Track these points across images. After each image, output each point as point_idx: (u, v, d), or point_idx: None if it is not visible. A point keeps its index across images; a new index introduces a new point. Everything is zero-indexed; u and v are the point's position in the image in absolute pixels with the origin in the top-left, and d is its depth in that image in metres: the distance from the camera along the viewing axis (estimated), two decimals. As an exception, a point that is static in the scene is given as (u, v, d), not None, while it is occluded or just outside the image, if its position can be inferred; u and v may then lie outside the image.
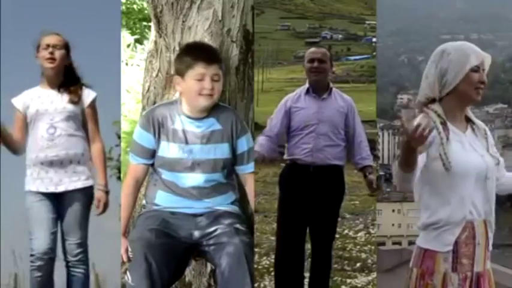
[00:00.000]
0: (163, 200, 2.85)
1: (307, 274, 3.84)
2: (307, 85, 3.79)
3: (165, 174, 2.84)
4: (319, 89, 3.76)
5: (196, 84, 2.71)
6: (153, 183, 2.91)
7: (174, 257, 2.64)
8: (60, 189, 3.26)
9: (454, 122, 2.29)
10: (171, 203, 2.84)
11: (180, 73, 2.76)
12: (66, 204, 3.27)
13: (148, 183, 2.99)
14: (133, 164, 2.90)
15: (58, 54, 3.29)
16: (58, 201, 3.27)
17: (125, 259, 2.83)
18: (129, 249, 2.76)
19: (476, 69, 2.25)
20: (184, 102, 2.81)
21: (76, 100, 3.29)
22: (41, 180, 3.25)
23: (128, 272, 2.55)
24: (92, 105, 3.36)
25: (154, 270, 2.51)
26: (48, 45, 3.28)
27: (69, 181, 3.26)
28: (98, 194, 3.31)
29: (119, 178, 7.16)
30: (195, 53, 2.78)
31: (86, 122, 3.35)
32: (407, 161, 2.13)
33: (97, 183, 3.32)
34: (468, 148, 2.27)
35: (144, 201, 3.00)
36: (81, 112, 3.32)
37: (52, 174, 3.25)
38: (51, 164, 3.24)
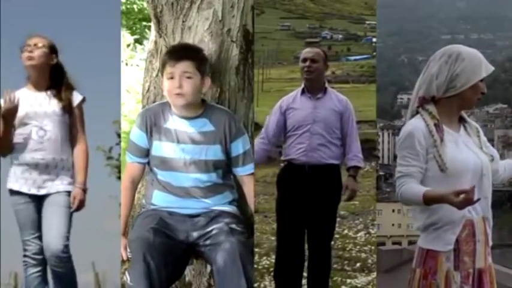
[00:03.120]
0: (159, 199, 2.86)
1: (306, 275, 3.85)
2: (302, 85, 3.80)
3: (160, 174, 2.84)
4: (313, 88, 3.77)
5: (167, 84, 2.74)
6: (150, 182, 2.93)
7: (173, 257, 2.65)
8: (42, 192, 3.27)
9: (449, 122, 2.33)
10: (168, 202, 2.84)
11: (162, 75, 2.81)
12: (47, 205, 3.27)
13: (147, 183, 2.99)
14: (129, 163, 2.93)
15: (37, 52, 3.28)
16: (40, 202, 3.28)
17: (124, 257, 2.84)
18: (128, 249, 2.77)
19: (482, 79, 2.32)
20: None
21: (66, 104, 3.30)
22: (24, 180, 3.26)
23: (126, 272, 2.56)
24: (79, 107, 3.37)
25: (152, 270, 2.51)
26: (29, 45, 3.28)
27: (52, 184, 3.27)
28: (74, 191, 3.29)
29: (118, 177, 7.16)
30: (168, 53, 2.83)
31: (72, 123, 3.35)
32: (436, 203, 2.18)
33: (75, 181, 3.30)
34: (463, 147, 2.31)
35: (143, 201, 3.01)
36: (69, 115, 3.33)
37: (36, 176, 3.25)
38: (37, 166, 3.24)
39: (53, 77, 3.35)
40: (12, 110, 3.17)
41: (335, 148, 3.73)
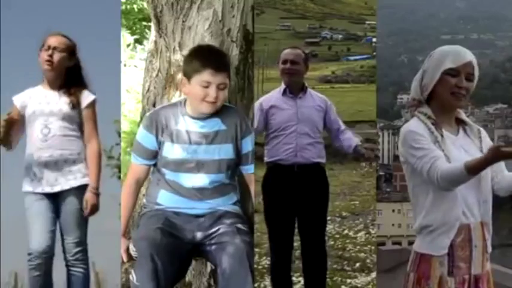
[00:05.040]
0: (165, 199, 2.85)
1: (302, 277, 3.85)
2: (283, 86, 3.78)
3: (169, 175, 2.83)
4: (295, 89, 3.76)
5: (201, 91, 2.69)
6: (155, 182, 2.91)
7: (179, 257, 2.64)
8: (56, 189, 3.25)
9: (443, 125, 2.26)
10: (174, 203, 2.83)
11: (187, 76, 2.73)
12: (63, 204, 3.26)
13: (149, 182, 2.98)
14: (135, 164, 2.90)
15: (57, 56, 3.26)
16: (55, 200, 3.27)
17: (125, 259, 2.83)
18: (132, 249, 2.76)
19: (453, 73, 2.21)
20: (188, 103, 2.80)
21: (75, 102, 3.28)
22: (37, 181, 3.24)
23: (132, 271, 2.55)
24: (90, 106, 3.33)
25: (160, 270, 2.50)
26: (48, 47, 3.27)
27: (65, 180, 3.25)
28: (87, 195, 3.25)
29: (119, 177, 7.16)
30: (205, 58, 2.72)
31: (82, 123, 3.32)
32: (481, 169, 2.11)
33: (89, 185, 3.29)
34: (460, 150, 2.23)
35: (144, 200, 3.00)
36: (79, 114, 3.31)
37: (47, 174, 3.24)
38: (46, 164, 3.23)
39: (68, 77, 3.33)
40: (13, 121, 3.21)
41: (320, 147, 3.74)
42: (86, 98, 3.33)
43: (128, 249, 2.81)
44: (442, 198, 2.18)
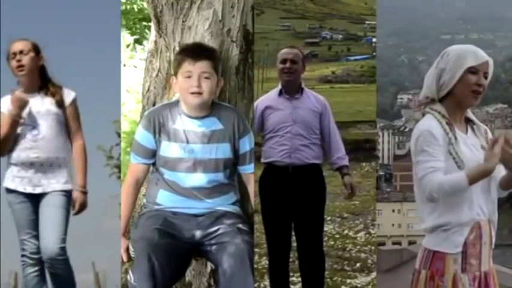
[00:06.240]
0: (165, 199, 2.85)
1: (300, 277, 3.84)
2: (279, 86, 3.77)
3: (167, 174, 2.84)
4: (291, 89, 3.75)
5: (184, 82, 2.73)
6: (154, 182, 2.91)
7: (177, 257, 2.65)
8: (38, 190, 3.26)
9: (455, 123, 2.27)
10: (173, 202, 2.84)
11: (175, 73, 2.80)
12: (44, 206, 3.25)
13: (149, 182, 2.99)
14: (134, 164, 2.91)
15: (26, 59, 3.26)
16: (36, 201, 3.27)
17: (125, 259, 2.83)
18: (130, 249, 2.76)
19: (474, 71, 2.23)
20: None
21: (59, 101, 3.29)
22: (20, 179, 3.25)
23: (130, 271, 2.55)
24: (73, 104, 3.35)
25: (157, 270, 2.51)
26: (14, 54, 3.26)
27: (48, 183, 3.26)
28: (75, 194, 3.28)
29: (118, 177, 7.17)
30: (185, 51, 2.82)
31: (67, 121, 3.33)
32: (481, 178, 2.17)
33: (75, 183, 3.30)
34: (472, 149, 2.26)
35: (144, 200, 3.00)
36: (63, 112, 3.31)
37: (31, 174, 3.24)
38: (32, 164, 3.24)
39: (42, 77, 3.34)
40: (23, 105, 3.18)
41: (316, 148, 3.72)
42: (68, 95, 3.34)
43: (127, 248, 2.82)
44: (459, 200, 2.19)
